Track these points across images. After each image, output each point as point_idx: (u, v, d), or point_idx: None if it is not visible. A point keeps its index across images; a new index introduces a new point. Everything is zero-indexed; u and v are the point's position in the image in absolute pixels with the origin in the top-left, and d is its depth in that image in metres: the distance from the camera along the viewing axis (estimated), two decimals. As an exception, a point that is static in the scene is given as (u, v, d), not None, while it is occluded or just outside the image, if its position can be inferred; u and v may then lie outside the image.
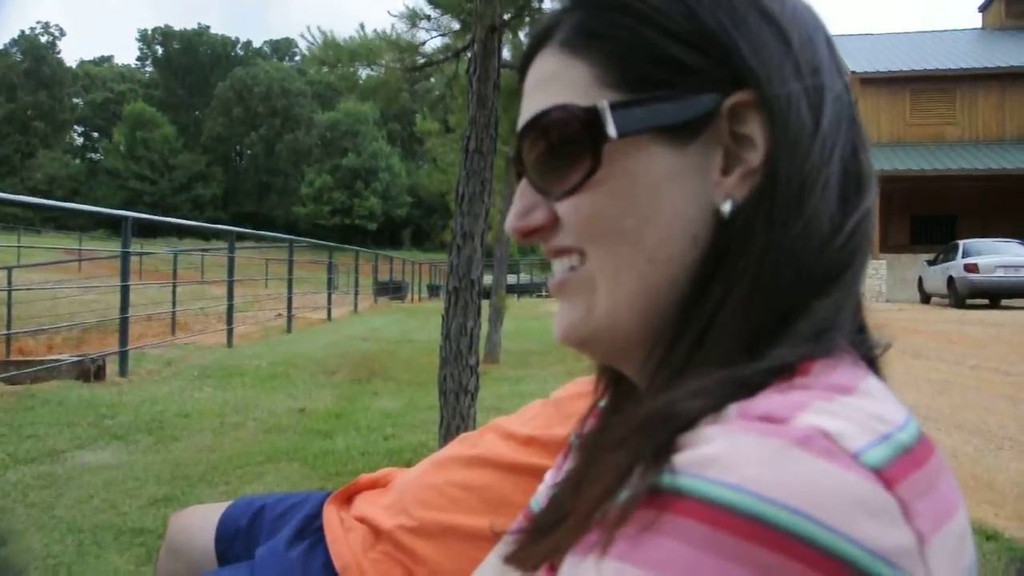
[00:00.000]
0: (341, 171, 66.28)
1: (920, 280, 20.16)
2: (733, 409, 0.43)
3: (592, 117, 0.53)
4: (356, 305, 17.87)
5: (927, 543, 0.40)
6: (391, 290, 24.30)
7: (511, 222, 0.58)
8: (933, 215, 23.86)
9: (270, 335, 11.67)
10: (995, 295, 16.76)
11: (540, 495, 0.73)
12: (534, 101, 0.58)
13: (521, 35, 4.84)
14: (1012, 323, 12.21)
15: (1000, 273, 16.40)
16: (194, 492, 3.76)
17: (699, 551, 0.38)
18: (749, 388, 0.45)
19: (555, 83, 0.56)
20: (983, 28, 29.15)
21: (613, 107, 0.52)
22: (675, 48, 0.52)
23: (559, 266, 0.58)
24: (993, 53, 25.44)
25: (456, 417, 3.63)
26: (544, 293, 25.32)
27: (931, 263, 19.28)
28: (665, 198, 0.52)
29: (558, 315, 0.58)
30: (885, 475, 0.40)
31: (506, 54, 4.35)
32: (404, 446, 4.69)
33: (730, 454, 0.40)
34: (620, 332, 0.55)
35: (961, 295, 16.91)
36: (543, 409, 1.29)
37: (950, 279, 17.42)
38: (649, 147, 0.53)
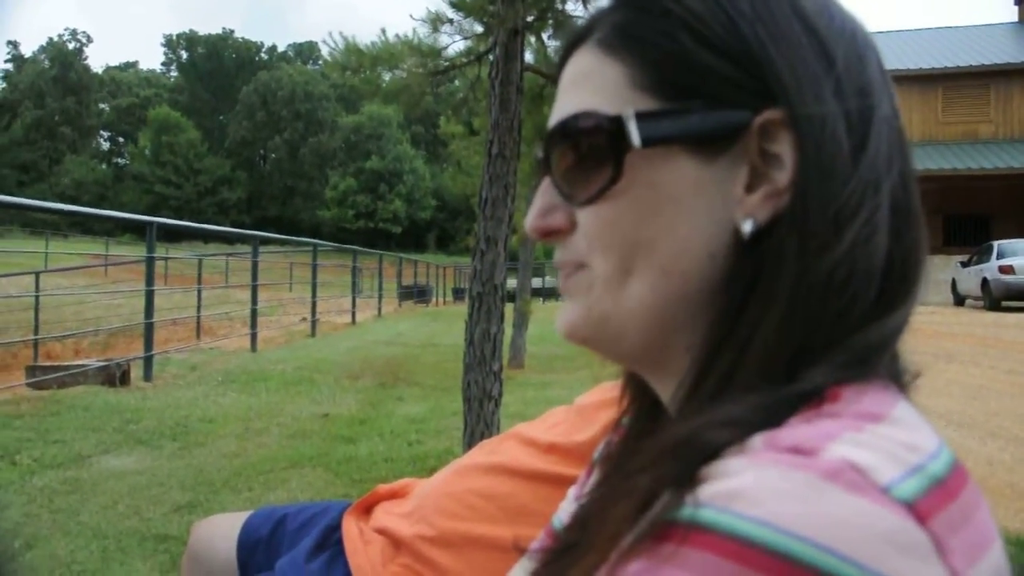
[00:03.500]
0: (365, 174, 66.68)
1: (953, 282, 19.84)
2: (759, 440, 0.42)
3: (615, 126, 0.52)
4: (380, 309, 17.93)
5: None
6: (416, 294, 24.38)
7: (531, 220, 0.58)
8: (967, 215, 23.38)
9: (294, 339, 11.72)
10: (1030, 297, 16.46)
11: (563, 512, 0.72)
12: (566, 101, 0.57)
13: (544, 38, 4.80)
14: (1046, 326, 12.00)
15: (1035, 275, 16.10)
16: (218, 498, 3.77)
17: None
18: (777, 415, 0.44)
19: (588, 83, 0.56)
20: (1020, 21, 28.57)
21: (641, 115, 0.51)
22: (711, 58, 0.51)
23: (568, 268, 0.58)
24: (1030, 47, 24.95)
25: (480, 423, 3.61)
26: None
27: (965, 264, 18.98)
28: (685, 211, 0.51)
29: (561, 311, 0.59)
30: (917, 509, 0.39)
31: (529, 57, 4.31)
32: (428, 452, 4.68)
33: (757, 488, 0.38)
34: (627, 339, 0.55)
35: (996, 297, 16.67)
36: (566, 416, 1.27)
37: (984, 281, 17.19)
38: (676, 158, 0.51)
